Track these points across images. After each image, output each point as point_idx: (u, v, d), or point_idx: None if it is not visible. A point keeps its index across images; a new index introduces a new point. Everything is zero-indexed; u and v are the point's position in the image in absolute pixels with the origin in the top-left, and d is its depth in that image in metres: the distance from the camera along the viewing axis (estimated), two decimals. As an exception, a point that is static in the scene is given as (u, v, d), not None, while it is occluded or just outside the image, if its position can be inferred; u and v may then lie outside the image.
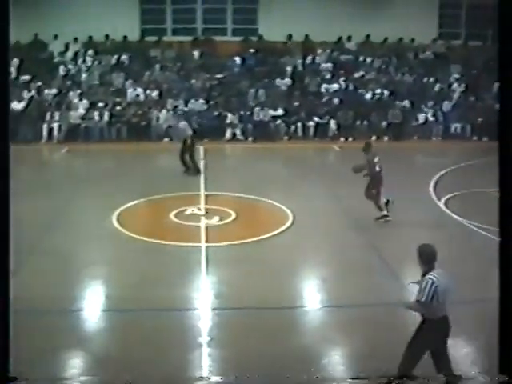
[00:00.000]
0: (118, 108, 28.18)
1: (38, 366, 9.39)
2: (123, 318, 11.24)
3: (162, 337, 10.26)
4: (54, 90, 28.80)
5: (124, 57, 30.72)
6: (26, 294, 11.88)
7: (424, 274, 8.13)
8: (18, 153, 24.94)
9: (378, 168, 16.05)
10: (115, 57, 30.68)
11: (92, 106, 28.11)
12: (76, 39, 30.82)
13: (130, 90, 29.03)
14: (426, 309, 8.08)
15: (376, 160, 16.10)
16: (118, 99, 28.50)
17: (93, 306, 11.90)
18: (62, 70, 30.04)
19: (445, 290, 8.08)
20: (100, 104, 28.11)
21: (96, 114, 27.77)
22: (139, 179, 20.44)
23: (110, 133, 27.45)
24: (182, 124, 22.09)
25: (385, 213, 15.99)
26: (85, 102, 28.16)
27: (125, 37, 31.09)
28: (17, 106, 27.83)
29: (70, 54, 30.80)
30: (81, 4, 29.90)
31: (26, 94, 28.33)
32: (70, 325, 10.92)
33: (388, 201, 16.07)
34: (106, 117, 27.72)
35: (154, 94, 28.90)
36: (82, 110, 27.85)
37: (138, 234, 15.28)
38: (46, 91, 28.75)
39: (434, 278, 8.00)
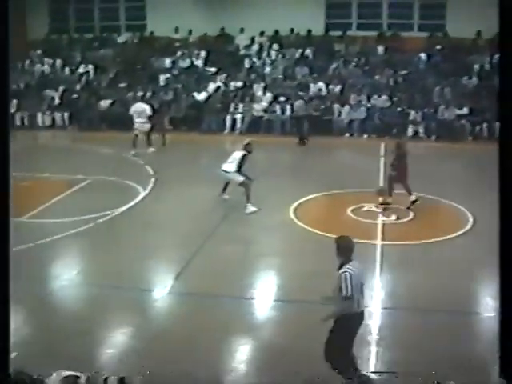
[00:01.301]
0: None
1: (210, 352, 9.63)
2: (293, 309, 11.33)
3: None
4: (239, 83, 29.45)
5: (308, 51, 30.96)
6: (199, 279, 12.27)
7: (340, 266, 8.20)
8: (201, 142, 25.62)
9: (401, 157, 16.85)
10: (299, 51, 30.99)
11: (275, 99, 28.48)
12: (262, 33, 31.40)
13: (312, 85, 29.15)
14: (350, 303, 8.14)
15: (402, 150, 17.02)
16: (300, 93, 28.69)
17: (265, 294, 12.09)
18: (246, 63, 30.71)
19: (359, 282, 8.26)
20: (282, 98, 28.42)
21: (278, 108, 28.12)
22: (318, 173, 20.47)
23: (292, 126, 27.67)
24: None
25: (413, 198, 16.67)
26: (268, 95, 28.58)
27: (309, 31, 31.31)
28: (199, 96, 28.73)
29: (255, 47, 31.43)
30: (267, -1, 30.43)
31: (211, 85, 29.20)
32: (242, 312, 11.14)
33: (416, 200, 16.61)
34: (288, 110, 27.97)
35: (337, 88, 28.85)
36: (265, 103, 28.27)
37: (313, 227, 15.27)
38: (232, 83, 29.47)
39: (349, 271, 8.10)
